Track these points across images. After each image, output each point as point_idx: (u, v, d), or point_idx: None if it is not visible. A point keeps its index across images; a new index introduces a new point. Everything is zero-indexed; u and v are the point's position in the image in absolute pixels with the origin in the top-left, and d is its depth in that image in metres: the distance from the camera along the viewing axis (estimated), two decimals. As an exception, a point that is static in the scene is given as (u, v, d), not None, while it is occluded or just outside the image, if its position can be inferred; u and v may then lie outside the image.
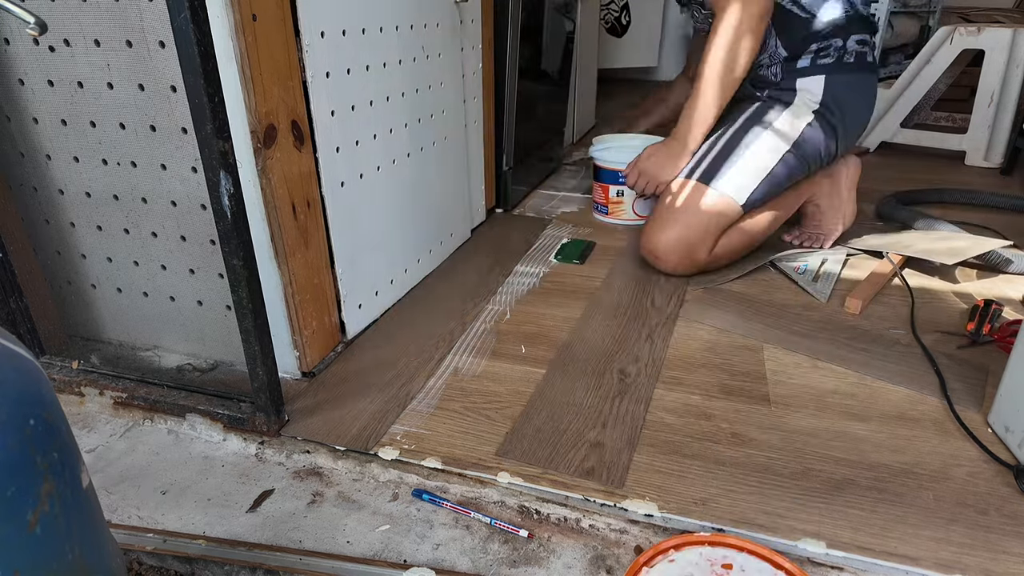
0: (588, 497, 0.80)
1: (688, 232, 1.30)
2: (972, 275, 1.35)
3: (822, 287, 1.29)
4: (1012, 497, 0.79)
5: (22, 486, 0.39)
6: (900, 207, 1.59)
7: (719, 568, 0.69)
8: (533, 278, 1.36)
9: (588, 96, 2.50)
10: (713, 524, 0.76)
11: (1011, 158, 1.99)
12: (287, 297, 0.97)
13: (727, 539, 0.72)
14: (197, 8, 0.68)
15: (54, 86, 0.92)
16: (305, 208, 0.98)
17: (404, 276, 1.28)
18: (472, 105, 1.47)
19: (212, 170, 0.74)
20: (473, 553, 0.76)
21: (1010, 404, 0.87)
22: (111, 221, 1.00)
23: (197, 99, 0.71)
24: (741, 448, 0.88)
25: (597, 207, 1.67)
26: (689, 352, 1.10)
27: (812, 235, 1.49)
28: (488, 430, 0.92)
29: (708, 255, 1.32)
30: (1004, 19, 2.09)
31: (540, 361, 1.07)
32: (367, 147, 1.09)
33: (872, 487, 0.81)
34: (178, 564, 0.77)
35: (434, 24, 1.24)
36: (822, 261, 1.39)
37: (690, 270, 1.34)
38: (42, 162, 0.99)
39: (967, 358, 1.07)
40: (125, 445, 0.95)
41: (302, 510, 0.82)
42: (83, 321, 1.12)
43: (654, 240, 1.33)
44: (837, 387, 1.00)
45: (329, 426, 0.93)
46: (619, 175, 1.57)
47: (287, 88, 0.91)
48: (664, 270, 1.35)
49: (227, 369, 1.06)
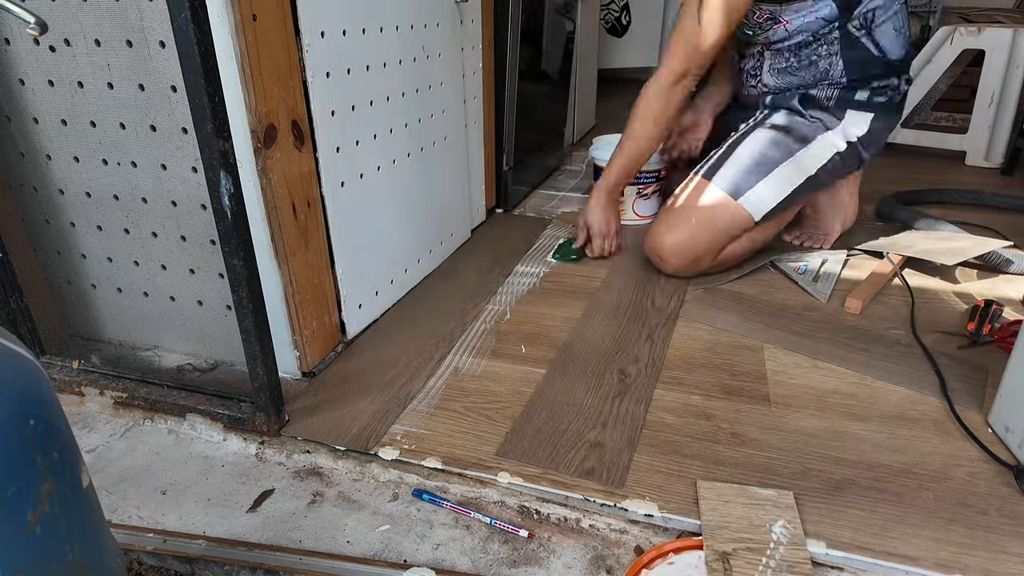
0: (588, 497, 0.80)
1: (697, 239, 1.28)
2: (972, 275, 1.35)
3: (822, 287, 1.29)
4: (1012, 497, 0.79)
5: (22, 486, 0.39)
6: (900, 207, 1.59)
7: (719, 568, 0.69)
8: (533, 278, 1.36)
9: (588, 96, 2.50)
10: (713, 524, 0.76)
11: (1011, 158, 1.99)
12: (287, 297, 0.97)
13: (727, 539, 0.72)
14: (197, 8, 0.68)
15: (54, 86, 0.92)
16: (305, 208, 0.98)
17: (404, 276, 1.28)
18: (472, 105, 1.47)
19: (212, 170, 0.74)
20: (473, 553, 0.76)
21: (1010, 404, 0.87)
22: (111, 221, 1.00)
23: (197, 99, 0.71)
24: (741, 448, 0.88)
25: None
26: (689, 352, 1.10)
27: (813, 235, 1.49)
28: (488, 430, 0.92)
29: (713, 261, 1.32)
30: (1004, 19, 2.09)
31: (540, 361, 1.07)
32: (367, 147, 1.09)
33: (872, 487, 0.81)
34: (178, 564, 0.77)
35: (434, 24, 1.24)
36: (822, 261, 1.39)
37: (692, 274, 1.33)
38: (42, 162, 0.99)
39: (967, 358, 1.07)
40: (125, 445, 0.95)
41: (302, 510, 0.82)
42: (83, 321, 1.12)
43: (662, 241, 1.31)
44: (837, 387, 1.00)
45: (329, 426, 0.93)
46: None
47: (287, 88, 0.91)
48: (667, 272, 1.34)
49: (227, 369, 1.06)
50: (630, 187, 1.57)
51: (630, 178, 1.44)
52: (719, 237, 1.29)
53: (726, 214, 1.28)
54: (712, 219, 1.28)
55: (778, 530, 0.73)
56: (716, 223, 1.28)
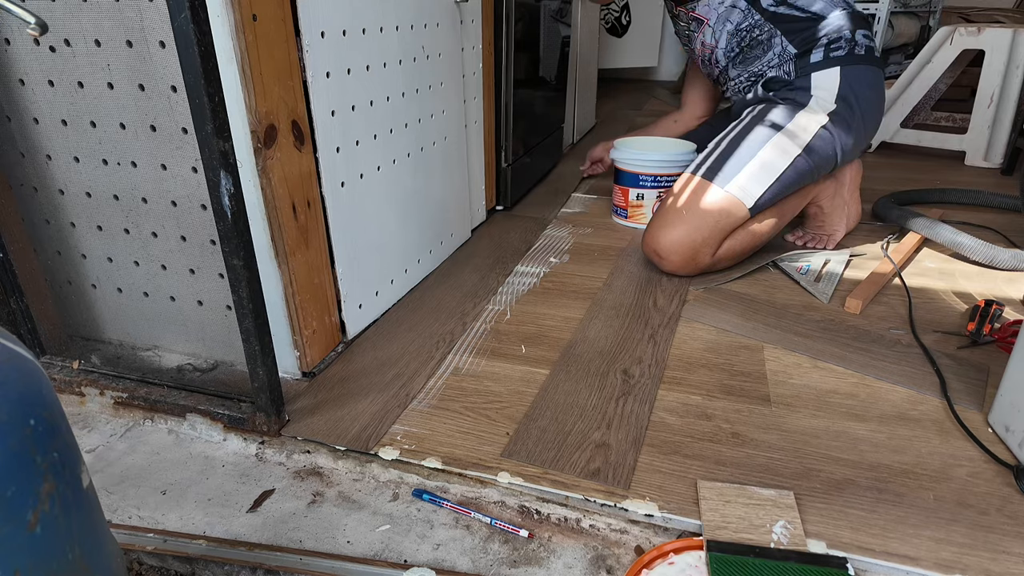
0: (588, 497, 0.80)
1: (693, 233, 1.28)
2: (973, 275, 1.35)
3: (824, 288, 1.28)
4: (1013, 497, 0.79)
5: (22, 486, 0.39)
6: (894, 207, 1.58)
7: (719, 568, 0.69)
8: (533, 278, 1.36)
9: (588, 96, 2.51)
10: (713, 524, 0.76)
11: (1011, 158, 1.99)
12: (287, 297, 0.97)
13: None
14: (197, 8, 0.68)
15: (54, 86, 0.92)
16: (305, 208, 0.98)
17: (404, 276, 1.28)
18: (472, 105, 1.47)
19: (212, 170, 0.74)
20: (473, 553, 0.76)
21: (1010, 404, 0.87)
22: (111, 221, 1.00)
23: (197, 99, 0.71)
24: (742, 448, 0.88)
25: (616, 210, 1.67)
26: (690, 352, 1.10)
27: (816, 236, 1.49)
28: (488, 430, 0.92)
29: (712, 257, 1.31)
30: (1004, 19, 2.09)
31: (542, 361, 1.07)
32: (367, 147, 1.09)
33: (872, 487, 0.81)
34: (178, 564, 0.77)
35: (434, 24, 1.24)
36: (825, 261, 1.39)
37: (693, 271, 1.33)
38: (42, 162, 0.99)
39: (967, 358, 1.07)
40: (125, 445, 0.95)
41: (302, 510, 0.82)
42: (83, 321, 1.12)
43: (658, 238, 1.31)
44: (837, 387, 1.00)
45: (329, 426, 0.93)
46: (639, 178, 1.57)
47: (287, 88, 0.91)
48: (667, 270, 1.34)
49: (227, 369, 1.06)
50: (649, 192, 1.57)
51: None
52: (715, 229, 1.29)
53: (718, 204, 1.28)
54: (705, 212, 1.28)
55: (779, 530, 0.73)
56: (710, 215, 1.28)
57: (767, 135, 1.31)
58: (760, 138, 1.31)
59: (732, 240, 1.32)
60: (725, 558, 0.69)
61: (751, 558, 0.69)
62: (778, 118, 1.33)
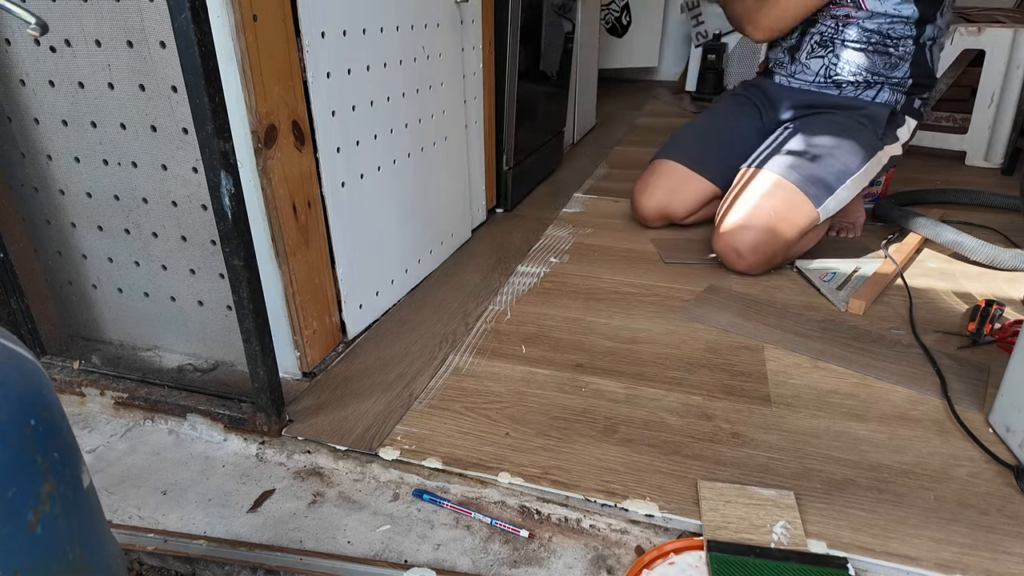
0: (589, 497, 0.80)
1: (779, 238, 1.29)
2: (974, 275, 1.35)
3: (846, 295, 1.26)
4: (1013, 497, 0.79)
5: (23, 486, 0.39)
6: (895, 208, 1.58)
7: (720, 568, 0.69)
8: (534, 278, 1.36)
9: (588, 96, 2.50)
10: (714, 524, 0.76)
11: (1011, 158, 1.99)
12: (288, 297, 0.97)
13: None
14: (198, 8, 0.68)
15: (55, 86, 0.92)
16: (306, 208, 0.98)
17: (405, 276, 1.28)
18: (472, 105, 1.47)
19: (213, 170, 0.74)
20: (474, 553, 0.76)
21: (1011, 404, 0.87)
22: (112, 221, 1.00)
23: (198, 99, 0.71)
24: (742, 448, 0.88)
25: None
26: (691, 352, 1.10)
27: (843, 225, 1.53)
28: (489, 430, 0.92)
29: (784, 258, 1.35)
30: (1005, 19, 2.09)
31: (541, 361, 1.07)
32: (368, 147, 1.09)
33: (873, 487, 0.81)
34: (179, 564, 0.77)
35: (434, 24, 1.24)
36: (855, 269, 1.38)
37: (761, 271, 1.35)
38: (43, 162, 0.99)
39: (968, 358, 1.07)
40: (126, 445, 0.95)
41: (303, 510, 0.82)
42: (84, 321, 1.12)
43: (743, 239, 1.30)
44: (838, 387, 1.00)
45: (330, 426, 0.93)
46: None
47: (288, 88, 0.91)
48: (738, 268, 1.34)
49: (228, 369, 1.06)
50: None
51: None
52: (798, 236, 1.31)
53: (806, 218, 1.30)
54: (793, 223, 1.29)
55: (779, 530, 0.73)
56: (796, 226, 1.30)
57: (862, 160, 1.34)
58: (858, 161, 1.34)
59: (803, 241, 1.35)
60: (725, 558, 0.69)
61: (751, 558, 0.69)
62: (886, 140, 1.39)
